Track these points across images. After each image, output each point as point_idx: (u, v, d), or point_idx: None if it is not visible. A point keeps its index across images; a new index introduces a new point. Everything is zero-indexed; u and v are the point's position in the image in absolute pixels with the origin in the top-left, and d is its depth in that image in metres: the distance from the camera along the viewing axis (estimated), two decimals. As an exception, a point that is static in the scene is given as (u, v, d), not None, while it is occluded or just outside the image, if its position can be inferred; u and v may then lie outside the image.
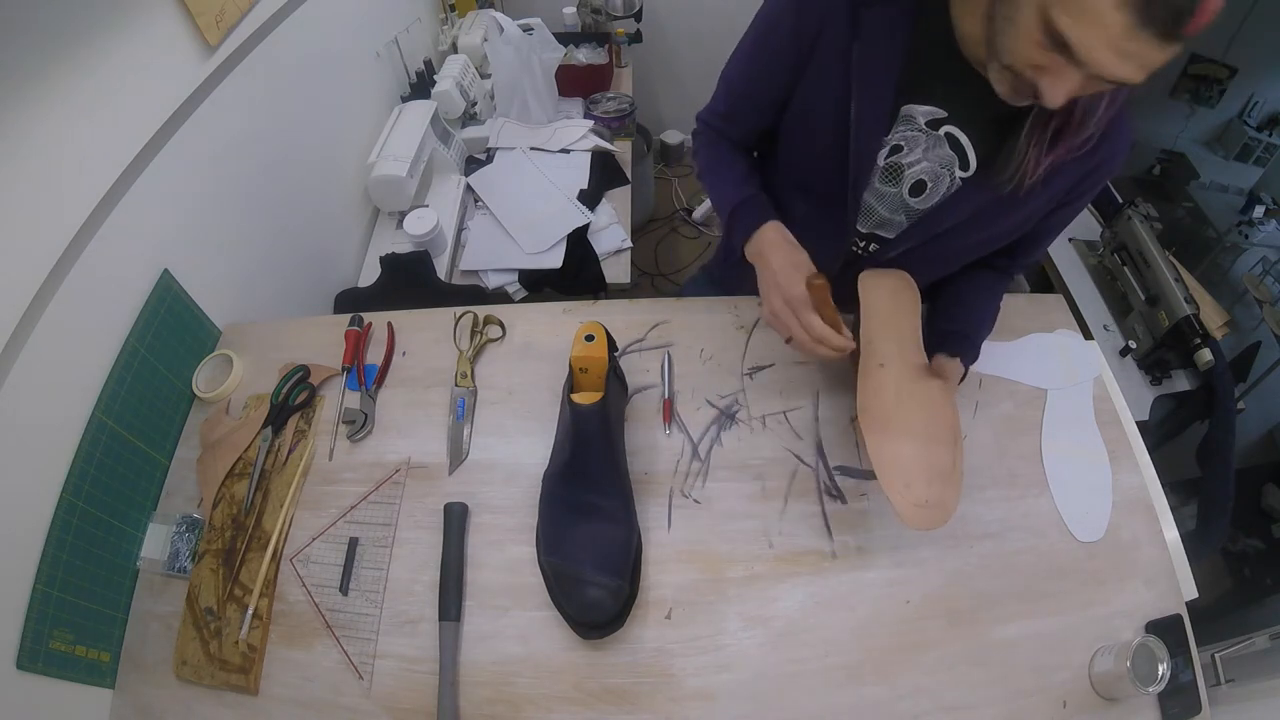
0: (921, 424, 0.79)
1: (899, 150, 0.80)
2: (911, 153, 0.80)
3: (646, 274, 2.48)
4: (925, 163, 0.80)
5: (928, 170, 0.81)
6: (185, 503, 0.87)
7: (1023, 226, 0.85)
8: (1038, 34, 0.58)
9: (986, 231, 0.85)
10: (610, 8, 2.05)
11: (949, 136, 0.78)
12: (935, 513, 0.74)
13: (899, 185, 0.83)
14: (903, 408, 0.80)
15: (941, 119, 0.77)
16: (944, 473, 0.77)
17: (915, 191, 0.83)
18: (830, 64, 0.76)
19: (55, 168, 0.73)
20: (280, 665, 0.75)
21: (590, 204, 1.58)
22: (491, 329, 0.99)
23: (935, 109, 0.77)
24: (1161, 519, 0.84)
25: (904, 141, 0.79)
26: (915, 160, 0.80)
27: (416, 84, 1.70)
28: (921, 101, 0.77)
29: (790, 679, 0.73)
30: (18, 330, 0.69)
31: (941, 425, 0.80)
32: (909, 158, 0.80)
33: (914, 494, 0.74)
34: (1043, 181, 0.75)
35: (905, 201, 0.84)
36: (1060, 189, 0.79)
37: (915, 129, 0.78)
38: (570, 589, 0.74)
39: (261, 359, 0.98)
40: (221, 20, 0.96)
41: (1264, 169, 1.75)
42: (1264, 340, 1.57)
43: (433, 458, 0.88)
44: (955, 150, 0.79)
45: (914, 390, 0.82)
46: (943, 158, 0.80)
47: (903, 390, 0.82)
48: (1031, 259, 0.97)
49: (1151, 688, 0.66)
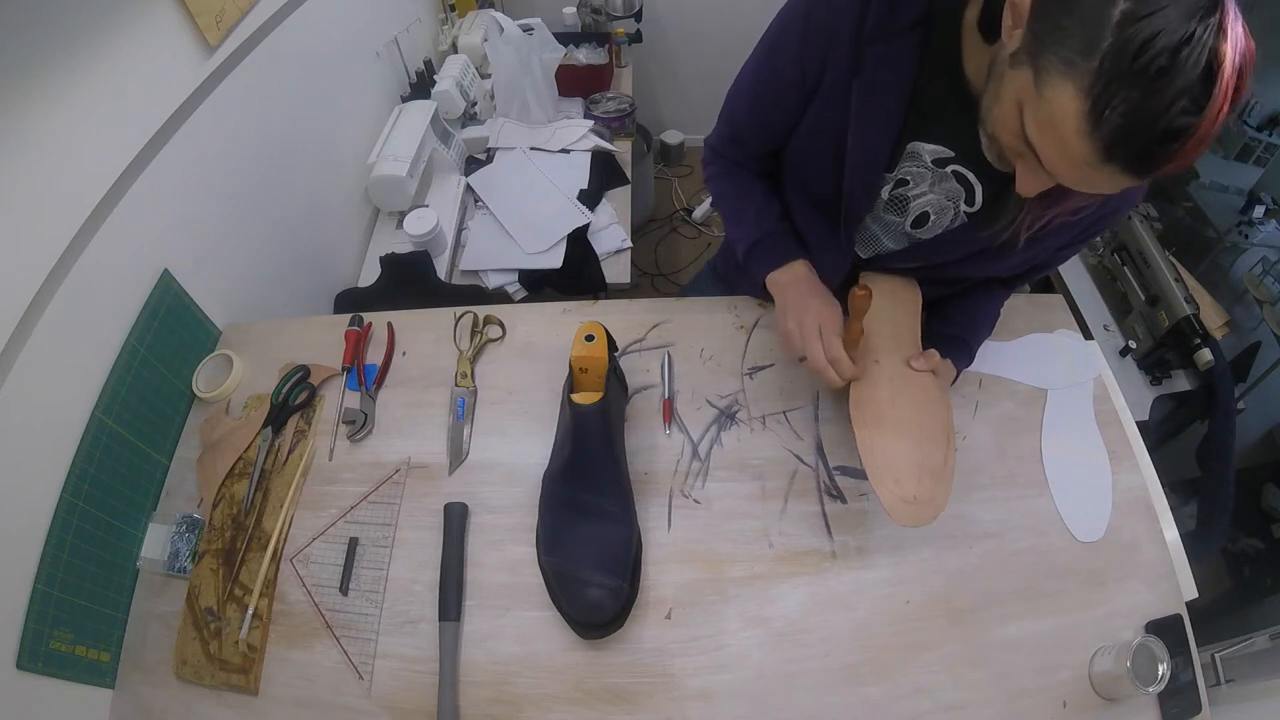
0: (914, 421, 0.79)
1: (904, 184, 0.78)
2: (918, 186, 0.78)
3: (646, 274, 2.48)
4: (932, 195, 0.78)
5: (933, 203, 0.79)
6: (185, 503, 0.87)
7: (1026, 264, 0.83)
8: (1014, 124, 0.55)
9: (986, 269, 0.83)
10: (610, 8, 2.05)
11: (956, 174, 0.75)
12: (924, 510, 0.74)
13: (904, 216, 0.81)
14: (896, 404, 0.80)
15: (948, 158, 0.74)
16: (935, 470, 0.76)
17: (918, 224, 0.81)
18: (832, 97, 0.74)
19: (56, 168, 0.73)
20: (280, 665, 0.75)
21: (590, 204, 1.58)
22: (491, 329, 0.99)
23: (941, 148, 0.74)
24: (1161, 519, 0.84)
25: (910, 177, 0.77)
26: (922, 193, 0.78)
27: (416, 84, 1.71)
28: (928, 139, 0.74)
29: (790, 679, 0.73)
30: (18, 330, 0.69)
31: (934, 423, 0.79)
32: (915, 190, 0.78)
33: (903, 490, 0.74)
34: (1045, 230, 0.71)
35: (908, 232, 0.83)
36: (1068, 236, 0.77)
37: (921, 165, 0.76)
38: (570, 589, 0.74)
39: (261, 359, 0.98)
40: (221, 20, 0.96)
41: (1264, 169, 1.74)
42: (1264, 340, 1.56)
43: (433, 458, 0.88)
44: (963, 185, 0.76)
45: (908, 387, 0.81)
46: (950, 191, 0.77)
47: (897, 387, 0.81)
48: (1037, 279, 0.95)
49: (1151, 688, 0.66)
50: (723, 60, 0.91)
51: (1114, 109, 0.47)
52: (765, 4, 0.79)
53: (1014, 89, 0.54)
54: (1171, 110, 0.46)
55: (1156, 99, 0.46)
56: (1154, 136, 0.47)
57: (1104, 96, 0.47)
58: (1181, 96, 0.45)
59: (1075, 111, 0.49)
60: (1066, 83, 0.49)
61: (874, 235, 0.86)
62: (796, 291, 0.84)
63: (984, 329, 0.92)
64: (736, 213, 0.92)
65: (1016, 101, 0.54)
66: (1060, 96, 0.50)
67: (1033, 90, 0.52)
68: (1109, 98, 0.47)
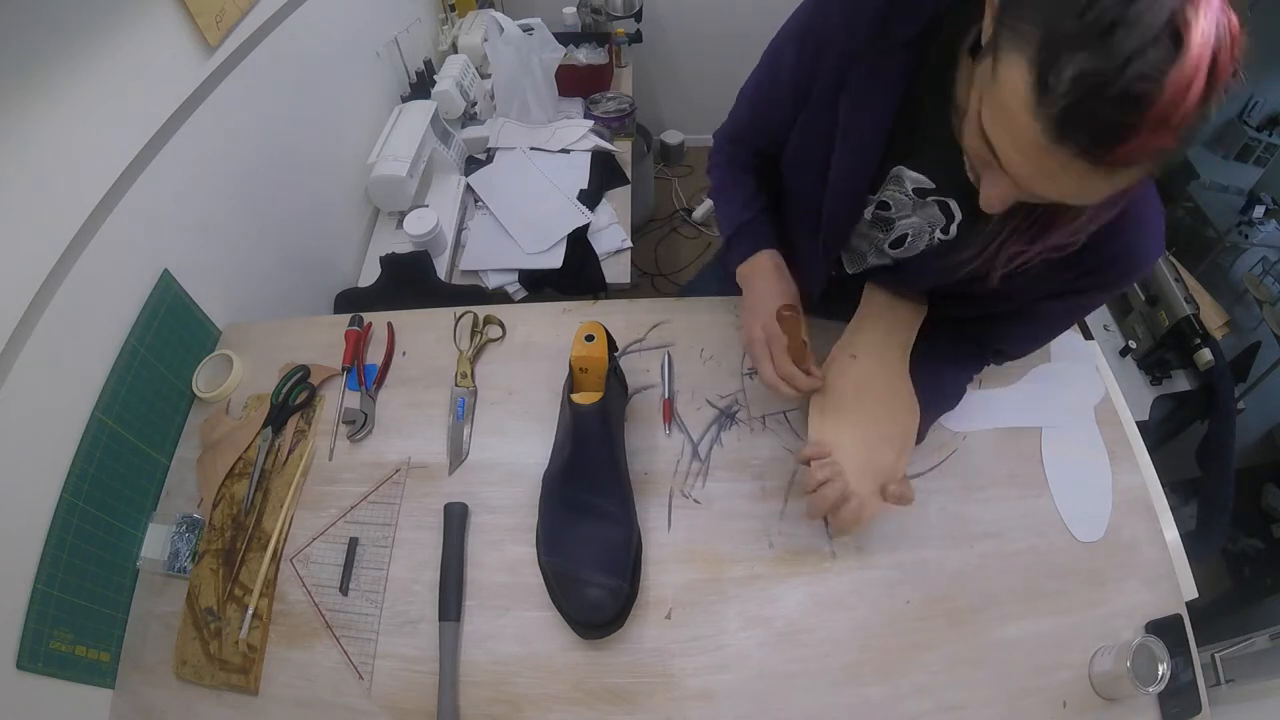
0: (874, 421, 0.77)
1: (887, 207, 0.76)
2: (900, 210, 0.76)
3: (646, 274, 2.48)
4: (915, 218, 0.76)
5: (914, 225, 0.76)
6: (185, 503, 0.87)
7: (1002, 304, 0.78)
8: (977, 122, 0.51)
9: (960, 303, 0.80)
10: (610, 8, 2.05)
11: (939, 202, 0.72)
12: (851, 508, 0.71)
13: (888, 234, 0.79)
14: (861, 400, 0.79)
15: (929, 190, 0.71)
16: (881, 473, 0.74)
17: (896, 244, 0.79)
18: (821, 110, 0.72)
19: (56, 168, 0.73)
20: (280, 665, 0.76)
21: (590, 204, 1.58)
22: (491, 329, 0.99)
23: (923, 178, 0.71)
24: (1161, 519, 0.84)
25: (892, 201, 0.75)
26: (905, 215, 0.76)
27: (416, 84, 1.71)
28: (913, 165, 0.71)
29: (790, 679, 0.73)
30: (18, 330, 0.69)
31: (895, 428, 0.78)
32: (898, 214, 0.76)
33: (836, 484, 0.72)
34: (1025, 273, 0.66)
35: (887, 251, 0.81)
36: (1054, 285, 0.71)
37: (903, 193, 0.74)
38: (570, 589, 0.74)
39: (261, 359, 0.98)
40: (221, 20, 0.96)
41: (1264, 169, 1.75)
42: (1264, 340, 1.56)
43: (433, 458, 0.88)
44: (945, 213, 0.73)
45: (879, 387, 0.80)
46: (932, 217, 0.74)
47: (866, 383, 0.80)
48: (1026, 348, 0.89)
49: (1151, 688, 0.66)
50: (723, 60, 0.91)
51: (1061, 73, 0.43)
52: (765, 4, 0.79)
53: (979, 84, 0.50)
54: (1126, 73, 0.41)
55: (1106, 57, 0.41)
56: (1107, 103, 0.42)
57: (1050, 61, 0.43)
58: (1136, 57, 0.40)
59: (1024, 85, 0.45)
60: (1016, 55, 0.45)
61: (860, 252, 0.84)
62: (753, 291, 0.84)
63: (943, 400, 0.86)
64: (726, 203, 0.92)
65: (979, 96, 0.50)
66: (1010, 73, 0.46)
67: (990, 77, 0.48)
68: (1055, 61, 0.43)
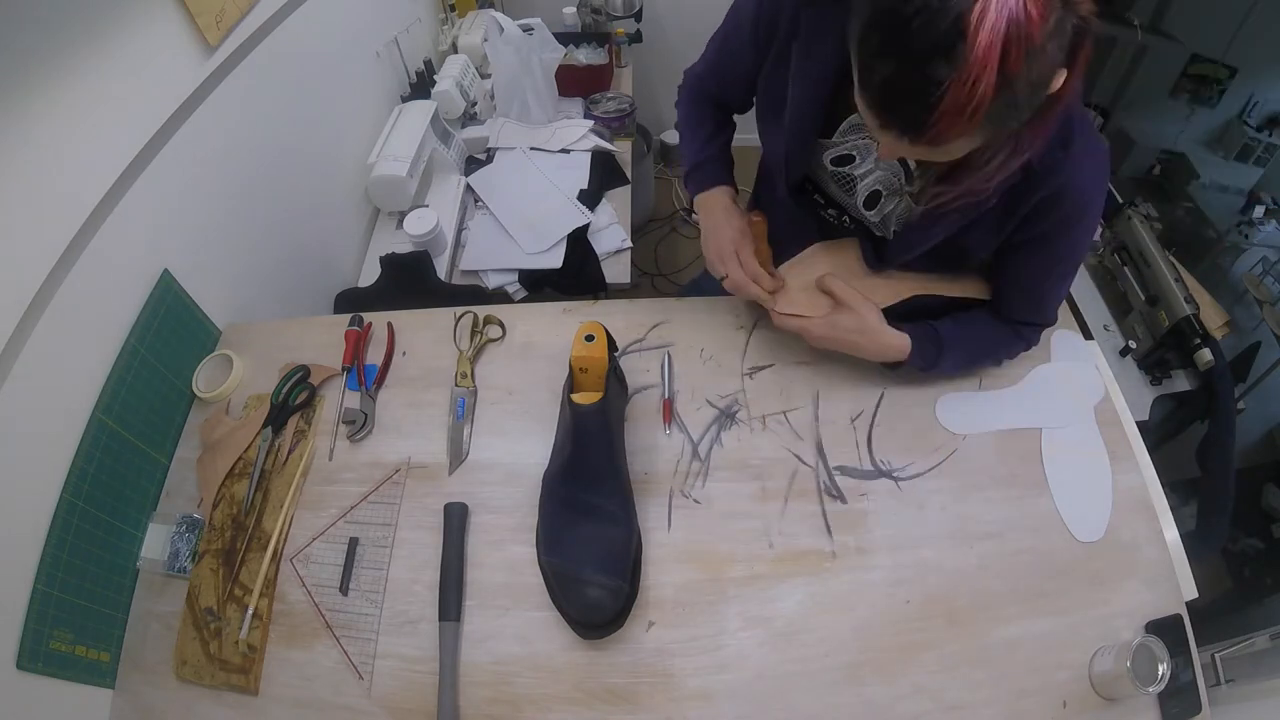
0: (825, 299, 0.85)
1: (850, 161, 0.77)
2: (864, 163, 0.77)
3: (646, 274, 2.48)
4: (879, 172, 0.77)
5: (882, 180, 0.77)
6: (185, 503, 0.87)
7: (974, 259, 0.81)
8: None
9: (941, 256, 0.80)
10: (610, 8, 2.05)
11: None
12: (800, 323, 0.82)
13: (854, 196, 0.81)
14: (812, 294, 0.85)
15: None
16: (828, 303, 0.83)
17: (869, 204, 0.80)
18: (780, 59, 0.76)
19: (55, 168, 0.73)
20: (280, 665, 0.76)
21: (590, 204, 1.58)
22: (491, 329, 0.99)
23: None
24: (1161, 519, 0.84)
25: (854, 151, 0.76)
26: (868, 170, 0.77)
27: (416, 84, 1.71)
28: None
29: (790, 679, 0.73)
30: (18, 330, 0.69)
31: (857, 296, 0.82)
32: (861, 169, 0.77)
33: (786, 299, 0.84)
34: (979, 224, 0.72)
35: (863, 214, 0.82)
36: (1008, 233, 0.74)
37: (865, 137, 0.75)
38: (570, 589, 0.74)
39: (261, 359, 0.98)
40: (221, 20, 0.96)
41: (1264, 169, 1.75)
42: (1264, 340, 1.56)
43: (433, 458, 0.88)
44: (903, 164, 0.75)
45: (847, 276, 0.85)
46: (895, 168, 0.76)
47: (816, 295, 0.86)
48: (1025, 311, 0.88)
49: (1151, 688, 0.66)
50: (723, 60, 0.93)
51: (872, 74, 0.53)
52: (764, 4, 0.79)
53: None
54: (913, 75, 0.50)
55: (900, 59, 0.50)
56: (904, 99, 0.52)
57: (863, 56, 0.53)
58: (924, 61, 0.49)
59: (855, 73, 0.55)
60: (853, 43, 0.55)
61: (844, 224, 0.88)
62: (711, 219, 0.91)
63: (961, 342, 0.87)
64: (690, 137, 0.98)
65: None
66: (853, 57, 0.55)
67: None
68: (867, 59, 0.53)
